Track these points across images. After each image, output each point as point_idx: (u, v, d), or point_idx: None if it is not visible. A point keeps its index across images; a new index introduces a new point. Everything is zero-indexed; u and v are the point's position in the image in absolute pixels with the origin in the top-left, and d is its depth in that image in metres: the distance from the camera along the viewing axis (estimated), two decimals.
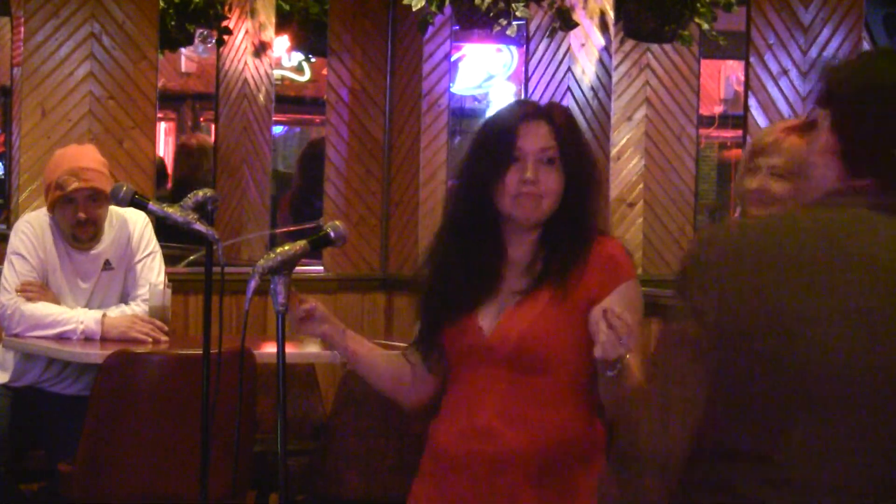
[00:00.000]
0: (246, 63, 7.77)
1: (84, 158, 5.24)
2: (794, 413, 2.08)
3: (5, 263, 5.21)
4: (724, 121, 11.74)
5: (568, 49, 6.67)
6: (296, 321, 3.20)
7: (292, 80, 10.28)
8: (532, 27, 6.73)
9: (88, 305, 5.21)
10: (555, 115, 3.19)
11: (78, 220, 5.14)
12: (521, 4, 5.96)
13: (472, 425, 3.13)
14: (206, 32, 7.83)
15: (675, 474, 2.18)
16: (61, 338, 5.06)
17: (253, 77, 7.75)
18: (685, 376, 2.12)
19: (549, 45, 6.70)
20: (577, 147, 3.18)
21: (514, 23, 6.03)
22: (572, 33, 6.47)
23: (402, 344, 3.49)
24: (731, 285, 2.10)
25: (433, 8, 6.04)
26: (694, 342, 2.12)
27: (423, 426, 3.29)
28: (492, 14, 5.98)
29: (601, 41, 6.67)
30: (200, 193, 3.83)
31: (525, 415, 3.10)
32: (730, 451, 2.15)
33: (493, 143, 3.17)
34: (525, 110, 3.20)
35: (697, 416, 2.12)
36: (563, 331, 3.09)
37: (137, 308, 5.22)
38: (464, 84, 9.19)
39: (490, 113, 9.16)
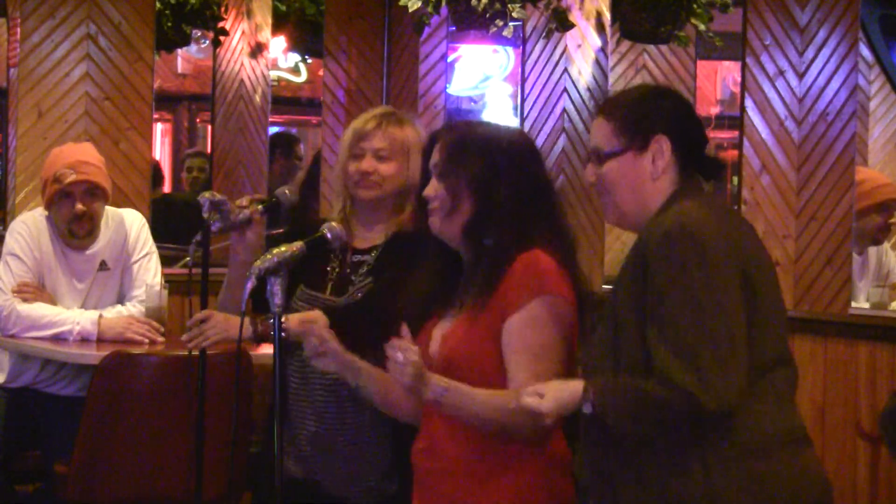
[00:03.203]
0: (242, 64, 7.76)
1: (82, 154, 5.26)
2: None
3: (1, 264, 5.20)
4: (721, 122, 11.73)
5: (564, 50, 6.67)
6: (309, 353, 3.24)
7: (288, 81, 10.27)
8: (528, 28, 6.73)
9: (84, 306, 5.21)
10: (443, 133, 3.25)
11: (75, 214, 5.14)
12: (518, 5, 5.96)
13: (430, 445, 3.21)
14: (200, 34, 7.83)
15: None
16: (57, 338, 5.06)
17: (249, 78, 7.75)
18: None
19: (545, 46, 6.70)
20: (458, 164, 3.18)
21: (511, 24, 6.03)
22: (569, 34, 6.47)
23: None
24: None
25: (429, 9, 6.04)
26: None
27: None
28: (488, 15, 5.98)
29: (597, 42, 6.67)
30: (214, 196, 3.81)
31: (464, 427, 3.14)
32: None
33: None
34: (437, 130, 3.32)
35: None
36: (478, 350, 3.11)
37: (133, 309, 5.22)
38: (460, 85, 9.18)
39: (485, 114, 9.19)
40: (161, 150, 11.41)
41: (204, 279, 3.74)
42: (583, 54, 6.65)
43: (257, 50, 7.71)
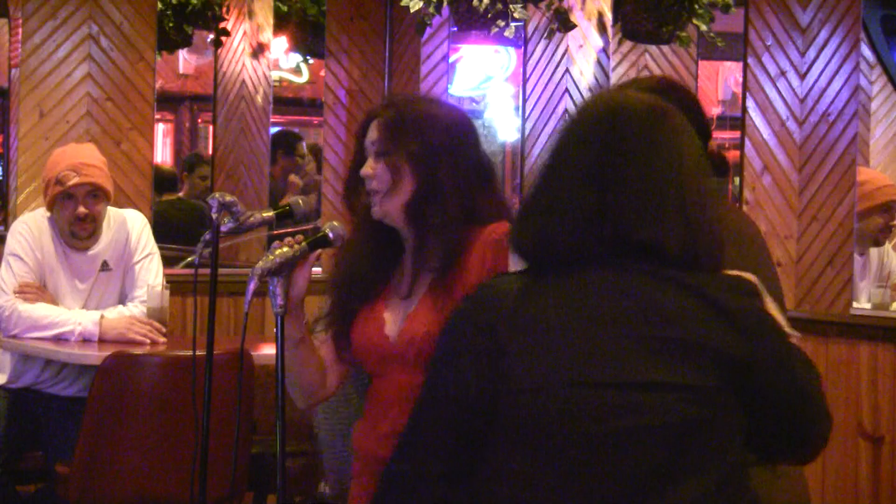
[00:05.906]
0: (244, 64, 7.77)
1: (84, 155, 5.26)
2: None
3: (2, 265, 5.20)
4: (722, 122, 11.72)
5: (566, 50, 6.67)
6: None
7: (290, 82, 10.27)
8: (530, 28, 6.74)
9: (86, 306, 5.21)
10: (380, 111, 3.16)
11: (77, 216, 5.15)
12: (519, 6, 5.96)
13: (394, 430, 2.96)
14: (207, 39, 7.83)
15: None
16: (59, 339, 5.06)
17: (251, 78, 7.75)
18: None
19: (547, 47, 6.70)
20: (397, 142, 3.10)
21: (512, 24, 6.02)
22: (570, 35, 6.47)
23: None
24: None
25: (431, 9, 6.04)
26: None
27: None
28: (490, 15, 5.98)
29: (599, 42, 6.67)
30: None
31: None
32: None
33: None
34: (373, 108, 3.21)
35: None
36: None
37: (135, 309, 5.22)
38: (462, 85, 9.18)
39: (488, 114, 9.19)
40: (163, 150, 11.42)
41: (213, 279, 3.74)
42: (584, 55, 6.66)
43: (259, 50, 7.72)
